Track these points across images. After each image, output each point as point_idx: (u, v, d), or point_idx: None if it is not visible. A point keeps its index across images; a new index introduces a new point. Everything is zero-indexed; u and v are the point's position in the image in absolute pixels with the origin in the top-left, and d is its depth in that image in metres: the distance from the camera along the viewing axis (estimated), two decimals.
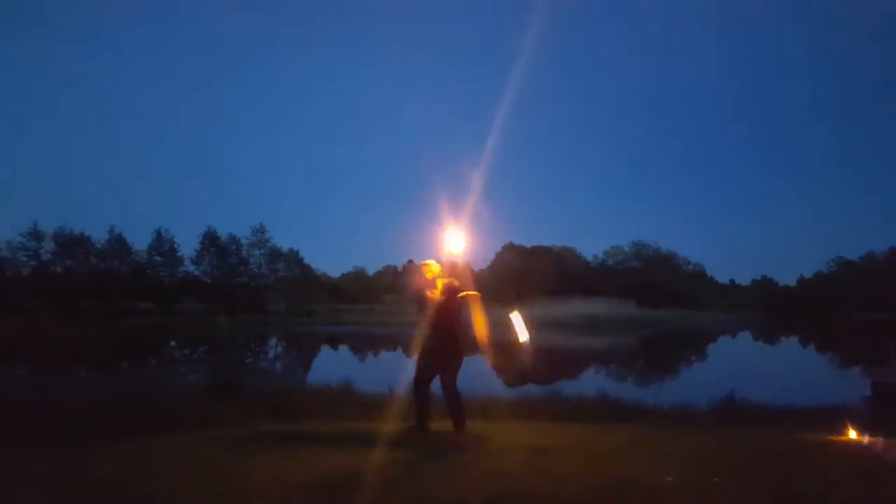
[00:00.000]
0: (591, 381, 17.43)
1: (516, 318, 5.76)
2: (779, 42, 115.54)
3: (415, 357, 6.15)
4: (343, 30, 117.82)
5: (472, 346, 6.04)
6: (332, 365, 24.42)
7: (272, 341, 37.55)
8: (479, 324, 5.87)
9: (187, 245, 58.97)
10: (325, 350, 32.92)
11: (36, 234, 51.13)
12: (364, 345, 33.64)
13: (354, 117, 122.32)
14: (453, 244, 6.01)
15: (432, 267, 6.12)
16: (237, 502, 3.94)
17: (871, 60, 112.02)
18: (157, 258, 57.54)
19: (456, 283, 6.09)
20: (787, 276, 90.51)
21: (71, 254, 52.80)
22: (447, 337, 5.94)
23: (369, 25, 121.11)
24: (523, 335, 5.70)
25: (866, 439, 6.50)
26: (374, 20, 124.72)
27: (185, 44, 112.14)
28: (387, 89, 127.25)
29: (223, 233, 59.24)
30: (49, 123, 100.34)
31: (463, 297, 5.98)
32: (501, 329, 6.27)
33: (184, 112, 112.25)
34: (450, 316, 5.97)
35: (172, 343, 35.00)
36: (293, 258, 63.89)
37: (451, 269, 6.22)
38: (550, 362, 24.89)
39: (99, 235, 54.58)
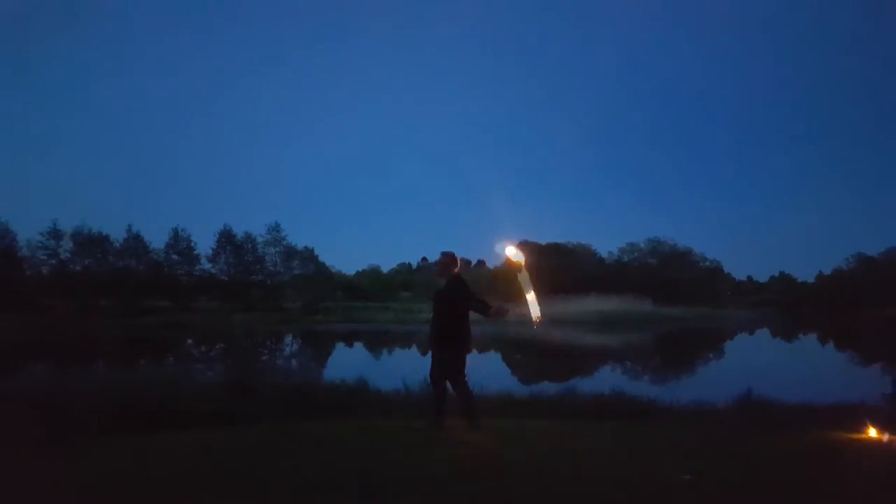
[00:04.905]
0: (606, 379, 17.34)
1: (531, 298, 6.06)
2: (795, 37, 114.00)
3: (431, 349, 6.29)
4: (357, 30, 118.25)
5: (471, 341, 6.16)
6: (347, 362, 24.51)
7: (287, 339, 37.75)
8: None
9: (204, 243, 59.34)
10: (341, 347, 33.03)
11: (55, 233, 51.82)
12: (379, 342, 33.71)
13: (367, 115, 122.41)
14: (513, 253, 6.24)
15: (453, 259, 6.37)
16: (253, 498, 3.96)
17: (892, 53, 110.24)
18: (174, 257, 57.98)
19: (460, 275, 6.28)
20: (805, 273, 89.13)
21: (89, 252, 53.38)
22: (451, 329, 6.02)
23: (382, 25, 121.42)
24: (536, 312, 6.02)
25: (887, 437, 6.41)
26: (385, 21, 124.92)
27: (203, 43, 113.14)
28: (399, 88, 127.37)
29: (239, 231, 59.63)
30: (67, 123, 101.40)
31: (467, 291, 6.11)
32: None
33: (200, 112, 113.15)
34: (452, 308, 6.06)
35: (189, 341, 35.29)
36: (308, 256, 64.01)
37: (454, 262, 6.40)
38: (566, 359, 24.81)
39: (117, 234, 55.17)
